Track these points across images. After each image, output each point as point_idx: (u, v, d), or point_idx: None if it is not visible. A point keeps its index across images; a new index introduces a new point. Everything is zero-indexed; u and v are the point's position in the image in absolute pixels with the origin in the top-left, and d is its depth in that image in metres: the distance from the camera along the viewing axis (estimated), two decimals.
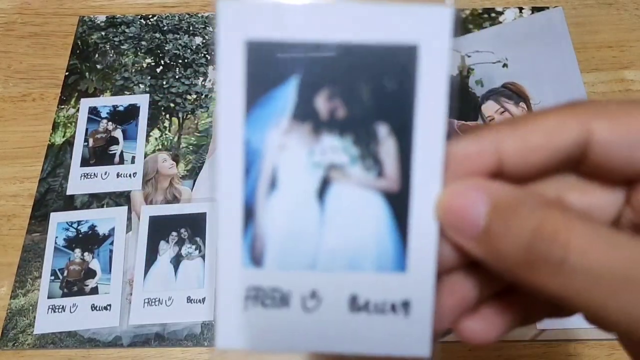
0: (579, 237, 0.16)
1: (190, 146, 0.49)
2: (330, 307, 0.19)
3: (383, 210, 0.19)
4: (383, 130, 0.18)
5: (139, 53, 0.54)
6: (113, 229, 0.44)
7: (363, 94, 0.18)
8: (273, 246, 0.19)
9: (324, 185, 0.19)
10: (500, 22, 0.55)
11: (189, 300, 0.41)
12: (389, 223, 0.19)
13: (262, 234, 0.19)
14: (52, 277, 0.42)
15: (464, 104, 0.51)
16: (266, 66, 0.18)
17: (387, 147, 0.18)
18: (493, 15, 0.55)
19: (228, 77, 0.18)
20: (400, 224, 0.19)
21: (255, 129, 0.18)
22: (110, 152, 0.48)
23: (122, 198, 0.46)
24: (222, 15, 0.17)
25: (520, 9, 0.55)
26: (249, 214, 0.19)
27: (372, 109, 0.18)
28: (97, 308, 0.41)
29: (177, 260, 0.43)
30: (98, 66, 0.53)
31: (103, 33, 0.55)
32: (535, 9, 0.55)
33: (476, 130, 0.19)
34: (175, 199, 0.46)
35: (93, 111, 0.50)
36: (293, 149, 0.18)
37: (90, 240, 0.44)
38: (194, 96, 0.51)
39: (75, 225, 0.45)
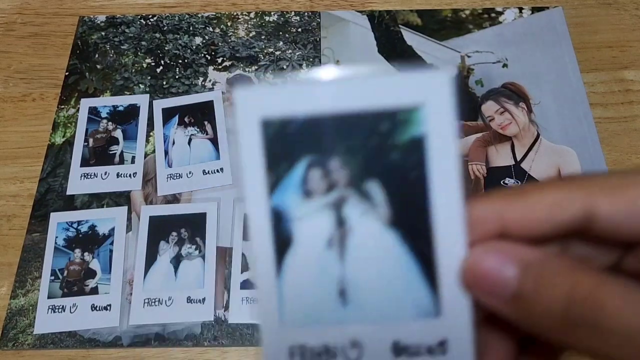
0: (613, 298, 0.16)
1: None
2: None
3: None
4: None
5: (139, 53, 0.54)
6: (113, 229, 0.44)
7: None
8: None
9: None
10: (500, 22, 0.55)
11: (189, 300, 0.41)
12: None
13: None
14: (52, 277, 0.43)
15: (464, 104, 0.51)
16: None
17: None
18: (493, 15, 0.56)
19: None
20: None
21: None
22: (110, 152, 0.48)
23: (122, 198, 0.46)
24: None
25: (520, 9, 0.56)
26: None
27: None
28: (97, 308, 0.41)
29: (177, 260, 0.43)
30: (98, 66, 0.53)
31: (103, 33, 0.55)
32: (535, 9, 0.56)
33: (482, 196, 0.19)
34: (175, 199, 0.46)
35: (93, 111, 0.50)
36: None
37: (90, 240, 0.44)
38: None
39: (75, 225, 0.45)
